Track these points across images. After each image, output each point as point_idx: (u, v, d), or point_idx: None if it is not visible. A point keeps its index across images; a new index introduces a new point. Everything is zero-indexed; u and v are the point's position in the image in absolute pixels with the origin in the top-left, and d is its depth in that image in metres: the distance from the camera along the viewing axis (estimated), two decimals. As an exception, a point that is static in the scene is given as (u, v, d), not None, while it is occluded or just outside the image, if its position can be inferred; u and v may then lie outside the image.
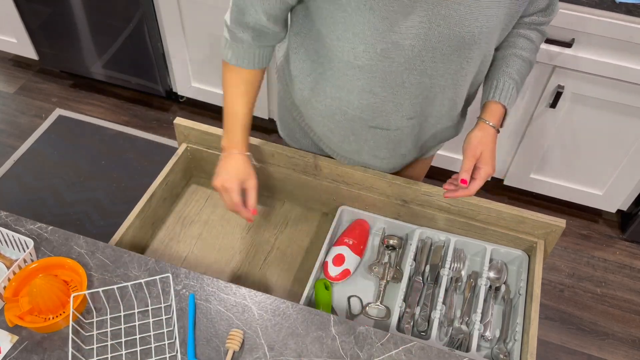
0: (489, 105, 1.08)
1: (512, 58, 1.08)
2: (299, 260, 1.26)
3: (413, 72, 0.97)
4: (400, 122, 1.08)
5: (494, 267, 1.21)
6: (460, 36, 0.92)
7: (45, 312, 0.96)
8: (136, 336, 0.97)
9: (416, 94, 1.01)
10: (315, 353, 0.96)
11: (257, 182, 1.14)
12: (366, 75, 0.98)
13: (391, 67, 0.96)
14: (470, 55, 0.96)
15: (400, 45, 0.92)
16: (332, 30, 0.94)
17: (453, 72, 0.98)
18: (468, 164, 1.04)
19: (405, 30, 0.90)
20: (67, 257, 1.03)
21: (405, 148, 1.17)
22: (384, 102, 1.03)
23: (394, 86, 0.99)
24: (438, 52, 0.94)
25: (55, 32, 2.48)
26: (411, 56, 0.94)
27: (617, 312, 2.03)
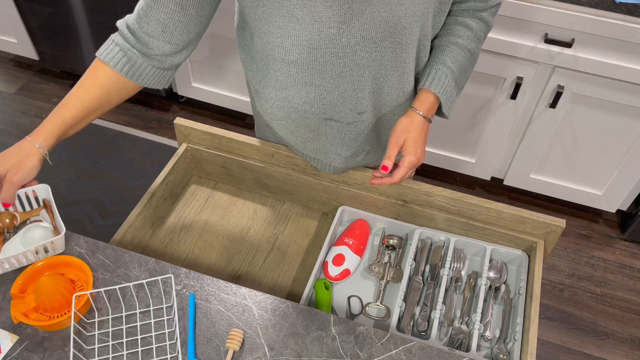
0: (420, 93, 1.06)
1: (448, 46, 1.05)
2: (299, 260, 1.26)
3: (349, 63, 0.95)
4: (351, 116, 1.06)
5: (494, 267, 1.21)
6: (387, 21, 0.90)
7: (51, 310, 0.97)
8: (137, 336, 0.97)
9: (359, 87, 1.00)
10: (315, 353, 0.96)
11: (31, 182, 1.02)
12: (302, 69, 0.97)
13: (324, 58, 0.94)
14: (403, 41, 0.94)
15: (325, 35, 0.90)
16: (258, 27, 0.93)
17: (390, 60, 0.97)
18: (390, 150, 1.03)
19: (327, 20, 0.89)
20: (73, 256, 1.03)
21: (366, 144, 1.15)
22: (329, 92, 1.01)
23: (334, 76, 0.98)
24: (368, 40, 0.92)
25: (55, 32, 2.48)
26: (340, 45, 0.92)
27: (617, 312, 2.03)
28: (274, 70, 1.00)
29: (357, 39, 0.92)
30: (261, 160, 1.31)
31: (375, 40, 0.92)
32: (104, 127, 2.56)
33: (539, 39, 1.77)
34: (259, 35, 0.95)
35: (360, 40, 0.92)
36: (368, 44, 0.93)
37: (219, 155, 1.33)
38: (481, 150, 2.15)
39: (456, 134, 2.13)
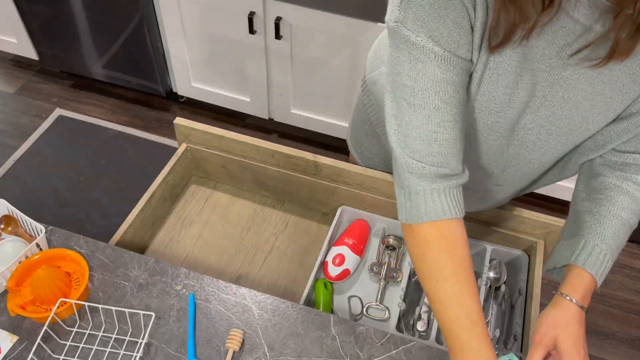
0: (573, 273, 0.84)
1: (610, 219, 0.85)
2: (298, 260, 1.26)
3: (512, 143, 0.88)
4: (487, 186, 1.00)
5: (494, 267, 1.21)
6: (572, 119, 0.82)
7: (47, 302, 0.97)
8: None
9: (510, 164, 0.93)
10: (315, 353, 0.96)
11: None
12: (468, 145, 0.88)
13: (491, 136, 0.87)
14: (577, 141, 0.87)
15: (510, 119, 0.83)
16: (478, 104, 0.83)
17: (555, 152, 0.89)
18: (535, 354, 0.79)
19: (519, 105, 0.81)
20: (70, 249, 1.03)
21: (482, 205, 1.11)
22: (477, 169, 0.93)
23: (490, 157, 0.91)
24: (544, 130, 0.84)
25: (55, 32, 2.48)
26: (515, 128, 0.85)
27: (617, 312, 2.03)
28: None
29: (535, 125, 0.84)
30: (261, 160, 1.31)
31: (552, 132, 0.85)
32: (104, 127, 2.56)
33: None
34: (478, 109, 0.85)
35: (537, 127, 0.84)
36: (542, 134, 0.85)
37: (219, 155, 1.33)
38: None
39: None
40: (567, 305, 0.82)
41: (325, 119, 2.29)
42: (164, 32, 2.27)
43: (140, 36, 2.31)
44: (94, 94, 2.72)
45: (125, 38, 2.36)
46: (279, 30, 2.00)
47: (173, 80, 2.49)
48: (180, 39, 2.26)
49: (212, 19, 2.13)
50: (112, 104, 2.68)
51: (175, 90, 2.54)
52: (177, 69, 2.40)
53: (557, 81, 0.77)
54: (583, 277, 0.83)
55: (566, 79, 0.77)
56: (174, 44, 2.30)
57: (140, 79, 2.53)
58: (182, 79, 2.44)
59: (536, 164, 0.92)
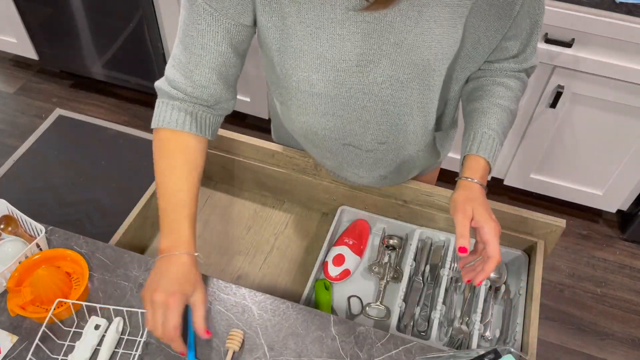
0: (469, 160, 0.97)
1: (491, 108, 0.99)
2: (299, 260, 1.26)
3: (373, 99, 0.94)
4: (371, 144, 1.04)
5: (494, 267, 1.21)
6: (415, 64, 0.88)
7: (47, 302, 0.97)
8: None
9: (382, 120, 0.98)
10: (315, 353, 0.96)
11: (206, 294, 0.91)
12: (326, 101, 0.95)
13: (349, 93, 0.93)
14: (430, 83, 0.92)
15: (352, 73, 0.90)
16: (286, 61, 0.91)
17: (416, 100, 0.95)
18: (461, 227, 0.89)
19: (355, 57, 0.88)
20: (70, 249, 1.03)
21: (383, 170, 1.13)
22: (350, 122, 0.99)
23: (357, 109, 0.96)
24: (395, 80, 0.91)
25: (55, 32, 2.48)
26: (367, 83, 0.91)
27: (617, 312, 2.03)
28: (296, 98, 0.98)
29: (384, 77, 0.90)
30: (261, 160, 1.30)
31: (402, 80, 0.91)
32: (104, 127, 2.56)
33: (539, 39, 1.76)
34: (285, 67, 0.93)
35: (387, 79, 0.91)
36: (395, 84, 0.91)
37: (219, 155, 1.33)
38: (481, 150, 2.15)
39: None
40: (472, 185, 0.94)
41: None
42: (164, 32, 2.27)
43: (140, 36, 2.31)
44: (94, 94, 2.72)
45: (125, 38, 2.36)
46: (279, 30, 2.00)
47: (173, 80, 2.49)
48: (180, 39, 2.26)
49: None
50: (112, 104, 2.68)
51: (175, 90, 2.54)
52: (177, 68, 2.40)
53: (384, 27, 0.84)
54: (478, 162, 0.96)
55: (391, 23, 0.84)
56: (173, 44, 2.30)
57: (140, 79, 2.53)
58: (182, 79, 2.44)
59: (405, 115, 0.97)
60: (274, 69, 0.97)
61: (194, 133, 0.94)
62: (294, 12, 0.85)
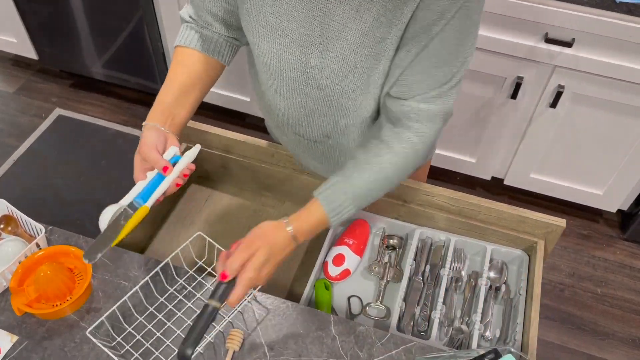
0: (310, 203, 0.92)
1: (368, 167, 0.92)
2: (299, 260, 1.26)
3: (315, 86, 0.94)
4: (318, 136, 1.05)
5: (494, 267, 1.21)
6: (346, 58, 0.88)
7: (53, 299, 0.97)
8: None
9: (325, 112, 0.99)
10: (315, 353, 0.95)
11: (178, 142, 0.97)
12: (274, 76, 0.98)
13: (293, 74, 0.94)
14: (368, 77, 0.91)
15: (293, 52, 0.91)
16: (245, 24, 0.95)
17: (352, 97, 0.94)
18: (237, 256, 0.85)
19: (298, 37, 0.89)
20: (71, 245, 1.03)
21: (334, 165, 1.13)
22: (296, 109, 1.01)
23: (301, 95, 0.98)
24: (330, 71, 0.91)
25: (55, 32, 2.48)
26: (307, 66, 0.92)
27: (617, 312, 2.03)
28: (257, 65, 1.02)
29: (322, 66, 0.91)
30: (261, 160, 1.30)
31: (338, 73, 0.91)
32: (103, 127, 2.56)
33: (539, 39, 1.76)
34: (246, 33, 0.97)
35: (326, 67, 0.91)
36: (331, 75, 0.91)
37: (219, 155, 1.33)
38: (482, 150, 2.15)
39: (457, 133, 2.13)
40: (283, 231, 0.88)
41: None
42: (164, 31, 2.27)
43: (140, 36, 2.31)
44: (94, 94, 2.72)
45: (125, 37, 2.36)
46: (279, 30, 2.00)
47: (173, 80, 2.49)
48: (180, 39, 2.26)
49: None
50: (111, 104, 2.68)
51: (175, 90, 2.54)
52: (177, 68, 2.40)
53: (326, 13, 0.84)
54: (312, 211, 0.90)
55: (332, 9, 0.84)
56: (173, 44, 2.30)
57: (139, 79, 2.52)
58: (182, 79, 2.44)
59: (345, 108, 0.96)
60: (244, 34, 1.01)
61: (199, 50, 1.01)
62: None
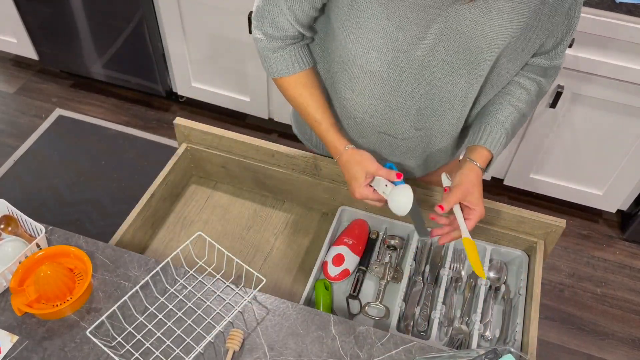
0: (476, 148, 1.05)
1: (507, 107, 1.06)
2: (299, 260, 1.26)
3: (422, 83, 0.98)
4: (408, 132, 1.08)
5: (494, 267, 1.21)
6: (469, 50, 0.92)
7: (53, 299, 0.97)
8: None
9: (424, 104, 1.02)
10: (315, 353, 0.96)
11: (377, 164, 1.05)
12: (377, 81, 0.99)
13: (401, 77, 0.97)
14: (478, 72, 0.96)
15: (411, 55, 0.93)
16: (348, 34, 0.95)
17: (462, 87, 0.98)
18: (453, 197, 0.99)
19: (418, 41, 0.91)
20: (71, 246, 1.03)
21: (412, 161, 1.16)
22: (392, 109, 1.03)
23: (403, 95, 1.00)
24: (447, 65, 0.95)
25: (55, 32, 2.48)
26: (421, 67, 0.95)
27: (617, 312, 2.03)
28: (348, 72, 1.01)
29: (437, 61, 0.94)
30: (261, 160, 1.31)
31: (454, 65, 0.95)
32: (104, 127, 2.56)
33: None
34: (345, 40, 0.96)
35: (439, 63, 0.94)
36: (446, 68, 0.95)
37: (219, 155, 1.33)
38: (481, 150, 2.15)
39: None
40: (477, 169, 1.03)
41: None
42: (164, 32, 2.27)
43: (140, 36, 2.31)
44: (94, 94, 2.72)
45: (125, 38, 2.36)
46: (279, 30, 2.00)
47: (173, 80, 2.49)
48: (180, 39, 2.26)
49: (212, 19, 2.12)
50: (111, 104, 2.68)
51: (175, 90, 2.54)
52: (177, 68, 2.40)
53: (450, 15, 0.88)
54: (482, 151, 1.04)
55: (458, 11, 0.88)
56: (174, 44, 2.30)
57: (140, 79, 2.52)
58: (182, 79, 2.44)
59: (447, 102, 1.01)
60: (333, 39, 1.00)
61: (301, 70, 1.06)
62: None
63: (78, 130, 2.54)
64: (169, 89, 2.53)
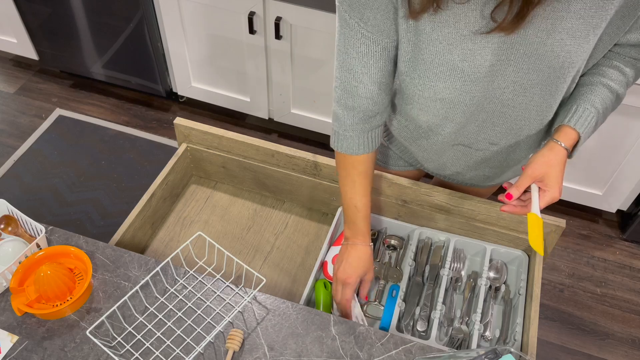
0: (563, 128, 0.98)
1: (598, 86, 0.99)
2: (299, 260, 1.26)
3: (494, 102, 0.96)
4: (482, 144, 1.06)
5: (494, 267, 1.21)
6: (541, 71, 0.90)
7: (53, 299, 0.97)
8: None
9: (498, 122, 1.00)
10: (315, 353, 0.96)
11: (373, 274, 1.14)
12: (448, 106, 0.97)
13: (472, 101, 0.95)
14: (553, 89, 0.94)
15: (480, 82, 0.92)
16: (415, 71, 0.94)
17: (537, 104, 0.96)
18: (523, 180, 0.95)
19: (484, 69, 0.89)
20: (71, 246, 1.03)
21: (488, 170, 1.15)
22: (466, 125, 1.01)
23: (475, 113, 0.98)
24: (518, 86, 0.92)
25: (55, 32, 2.48)
26: (491, 89, 0.93)
27: (617, 312, 2.03)
28: (418, 102, 1.00)
29: (508, 82, 0.92)
30: (261, 160, 1.31)
31: (526, 86, 0.92)
32: (104, 127, 2.56)
33: None
34: (411, 76, 0.96)
35: (511, 84, 0.92)
36: (517, 88, 0.93)
37: (219, 155, 1.33)
38: (481, 150, 2.15)
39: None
40: (559, 149, 0.96)
41: (325, 119, 2.29)
42: (164, 32, 2.27)
43: (140, 36, 2.31)
44: (94, 94, 2.72)
45: (125, 38, 2.36)
46: (279, 30, 2.00)
47: (173, 80, 2.49)
48: (180, 39, 2.26)
49: (212, 19, 2.12)
50: (112, 104, 2.68)
51: (175, 90, 2.54)
52: (177, 69, 2.40)
53: (516, 40, 0.85)
54: (571, 132, 0.98)
55: (523, 35, 0.85)
56: (174, 44, 2.30)
57: (140, 79, 2.53)
58: (182, 79, 2.44)
59: (522, 119, 0.99)
60: (399, 76, 0.99)
61: (365, 153, 1.07)
62: (429, 30, 0.87)
63: (78, 130, 2.54)
64: (169, 89, 2.53)
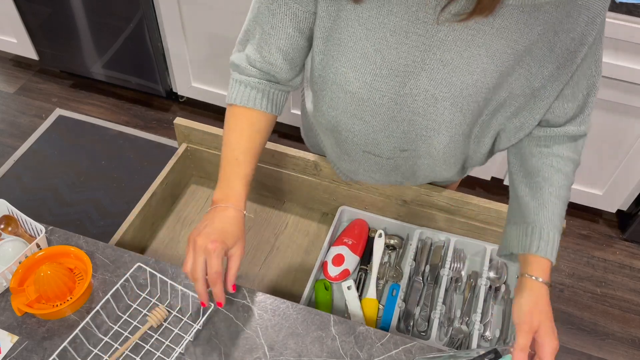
0: (533, 258, 0.92)
1: (552, 201, 0.94)
2: (298, 260, 1.26)
3: (404, 109, 0.93)
4: (392, 152, 1.03)
5: (494, 267, 1.21)
6: (453, 84, 0.87)
7: (53, 299, 0.97)
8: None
9: (408, 129, 0.97)
10: (315, 353, 0.96)
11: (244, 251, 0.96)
12: (357, 102, 0.95)
13: (382, 100, 0.92)
14: (464, 107, 0.91)
15: (391, 80, 0.89)
16: (328, 50, 0.92)
17: (446, 118, 0.93)
18: (524, 339, 0.85)
19: (398, 67, 0.87)
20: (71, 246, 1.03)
21: (400, 176, 1.13)
22: (375, 130, 0.99)
23: (385, 119, 0.96)
24: (430, 95, 0.89)
25: (55, 32, 2.48)
26: (402, 93, 0.91)
27: (617, 312, 2.03)
28: (330, 91, 0.97)
29: (419, 90, 0.89)
30: (261, 160, 1.30)
31: (437, 97, 0.90)
32: (104, 127, 2.56)
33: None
34: (326, 57, 0.93)
35: (422, 92, 0.90)
36: (429, 98, 0.90)
37: (219, 155, 1.33)
38: (481, 150, 2.15)
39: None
40: (539, 287, 0.89)
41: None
42: (164, 32, 2.28)
43: (140, 36, 2.31)
44: (94, 94, 2.72)
45: (125, 38, 2.36)
46: (279, 30, 2.00)
47: (173, 80, 2.49)
48: (180, 39, 2.26)
49: (212, 19, 2.13)
50: (112, 104, 2.68)
51: (175, 90, 2.54)
52: (177, 69, 2.40)
53: (434, 44, 0.83)
54: (544, 261, 0.92)
55: (442, 40, 0.83)
56: (174, 44, 2.30)
57: (140, 79, 2.53)
58: (182, 79, 2.44)
59: (432, 132, 0.96)
60: (315, 57, 0.97)
61: (264, 110, 1.00)
62: (352, 7, 0.85)
63: (78, 130, 2.54)
64: (169, 89, 2.54)
